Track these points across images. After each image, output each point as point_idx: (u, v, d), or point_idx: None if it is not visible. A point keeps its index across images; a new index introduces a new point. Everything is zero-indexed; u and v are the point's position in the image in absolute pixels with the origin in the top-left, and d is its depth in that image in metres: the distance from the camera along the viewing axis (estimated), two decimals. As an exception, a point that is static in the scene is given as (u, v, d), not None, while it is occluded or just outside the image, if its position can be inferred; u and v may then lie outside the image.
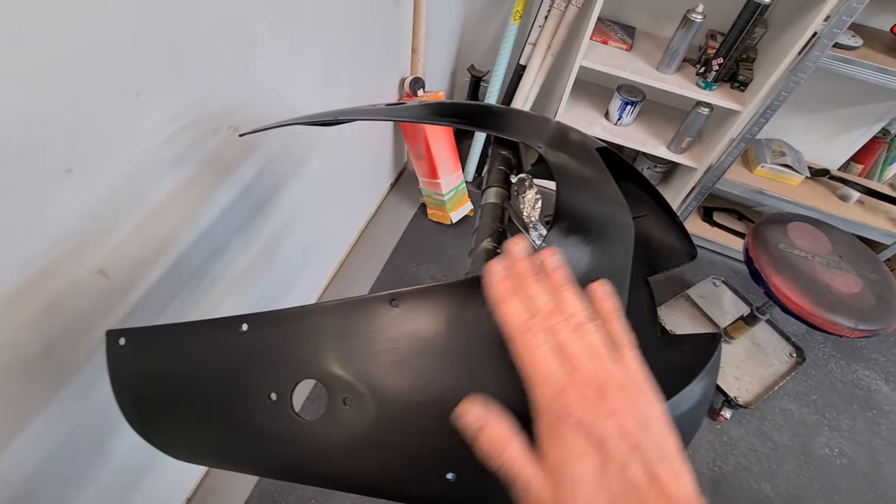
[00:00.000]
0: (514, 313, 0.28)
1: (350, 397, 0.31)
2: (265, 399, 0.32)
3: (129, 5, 0.51)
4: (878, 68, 1.21)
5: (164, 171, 0.65)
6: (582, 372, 0.26)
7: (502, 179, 0.42)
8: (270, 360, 0.32)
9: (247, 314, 0.33)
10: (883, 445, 1.36)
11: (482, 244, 0.37)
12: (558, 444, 0.25)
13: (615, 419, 0.25)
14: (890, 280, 1.11)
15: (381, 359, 0.31)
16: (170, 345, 0.35)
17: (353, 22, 1.05)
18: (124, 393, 0.35)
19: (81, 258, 0.57)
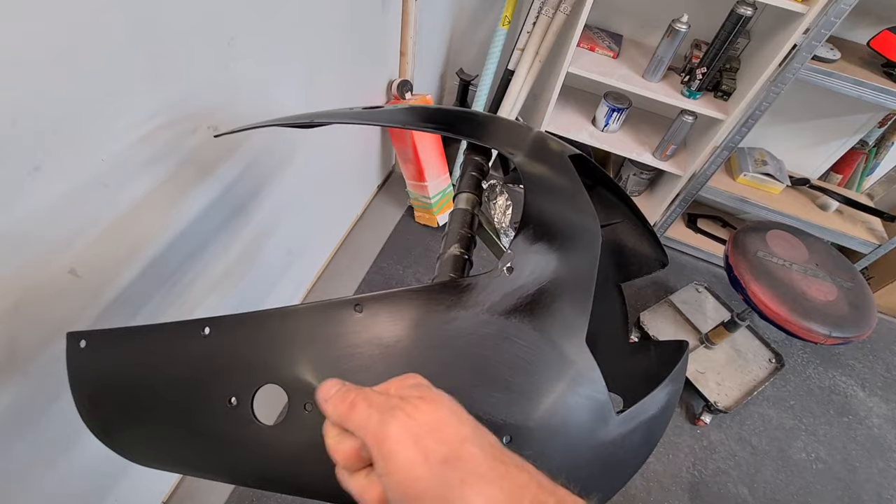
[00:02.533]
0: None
1: (311, 403, 0.30)
2: (225, 404, 0.31)
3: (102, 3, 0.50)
4: (855, 81, 1.24)
5: (140, 170, 0.64)
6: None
7: (474, 185, 0.42)
8: (231, 365, 0.32)
9: (209, 317, 0.33)
10: (858, 450, 1.39)
11: (450, 250, 0.37)
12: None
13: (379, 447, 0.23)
14: (864, 288, 1.13)
15: (341, 364, 0.31)
16: (131, 348, 0.35)
17: (339, 24, 1.05)
18: (84, 398, 0.35)
19: (50, 257, 0.56)
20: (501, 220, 0.41)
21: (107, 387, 0.35)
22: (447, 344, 0.32)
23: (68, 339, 0.36)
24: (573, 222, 0.39)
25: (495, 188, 0.41)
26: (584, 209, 0.41)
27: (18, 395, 0.59)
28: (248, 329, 0.32)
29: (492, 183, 0.42)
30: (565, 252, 0.37)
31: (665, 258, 0.53)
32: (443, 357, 0.32)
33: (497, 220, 0.41)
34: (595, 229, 0.40)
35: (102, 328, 0.35)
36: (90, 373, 0.35)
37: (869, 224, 1.60)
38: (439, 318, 0.32)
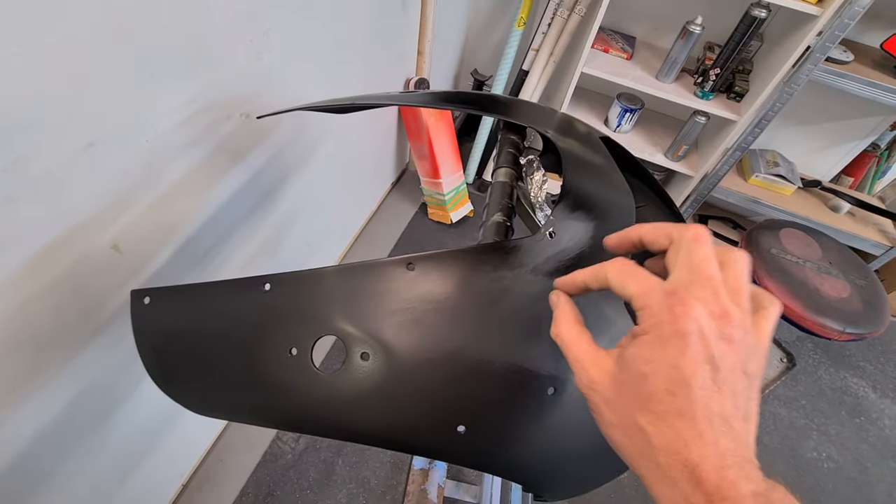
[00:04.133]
0: (600, 263, 0.28)
1: (367, 352, 0.32)
2: (286, 353, 0.33)
3: (155, -11, 0.53)
4: (868, 82, 1.26)
5: (179, 153, 0.67)
6: (712, 287, 0.23)
7: (511, 161, 0.44)
8: (291, 318, 0.34)
9: (268, 274, 0.35)
10: (870, 451, 1.39)
11: (493, 217, 0.39)
12: (653, 341, 0.23)
13: (727, 345, 0.23)
14: (877, 286, 1.14)
15: (396, 317, 0.33)
16: (193, 302, 0.37)
17: (363, 22, 1.08)
18: (148, 348, 0.37)
19: (96, 232, 0.58)
20: (538, 194, 0.43)
21: (170, 338, 0.37)
22: (495, 301, 0.34)
23: (133, 297, 0.38)
24: (609, 195, 0.41)
25: (532, 163, 0.43)
26: (618, 185, 0.43)
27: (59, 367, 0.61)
28: (306, 284, 0.34)
29: (529, 158, 0.44)
30: (602, 221, 0.39)
31: (690, 239, 0.54)
32: (490, 313, 0.33)
33: (533, 195, 0.43)
34: (630, 204, 0.42)
35: (164, 286, 0.37)
36: (154, 325, 0.37)
37: (881, 226, 1.61)
38: (487, 277, 0.34)
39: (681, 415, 0.22)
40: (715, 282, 0.24)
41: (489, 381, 0.32)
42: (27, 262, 0.51)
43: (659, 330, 0.23)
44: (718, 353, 0.22)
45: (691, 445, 0.21)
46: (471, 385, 0.32)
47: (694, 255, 0.24)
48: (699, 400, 0.22)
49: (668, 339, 0.22)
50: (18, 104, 0.44)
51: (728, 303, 0.23)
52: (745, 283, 0.25)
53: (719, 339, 0.23)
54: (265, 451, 1.15)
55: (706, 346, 0.22)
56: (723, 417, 0.22)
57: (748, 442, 0.22)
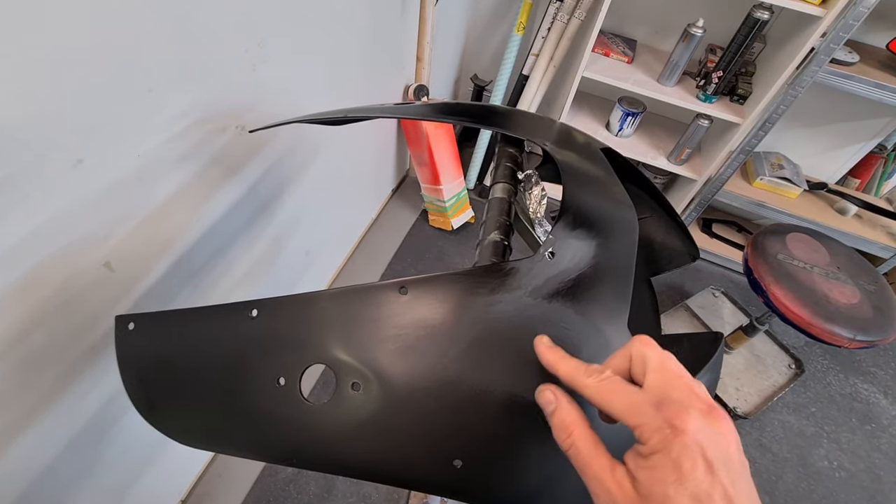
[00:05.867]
0: (575, 365, 0.28)
1: (358, 382, 0.31)
2: (274, 383, 0.32)
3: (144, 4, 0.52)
4: (875, 84, 1.23)
5: (172, 167, 0.66)
6: (686, 386, 0.25)
7: (509, 175, 0.43)
8: (279, 345, 0.33)
9: (256, 300, 0.33)
10: (882, 459, 1.36)
11: (490, 236, 0.38)
12: (665, 460, 0.23)
13: (728, 444, 0.23)
14: (888, 292, 1.12)
15: (388, 344, 0.31)
16: (179, 329, 0.35)
17: (360, 29, 1.07)
18: (132, 377, 0.35)
19: (87, 250, 0.57)
20: (537, 210, 0.41)
21: (155, 366, 0.35)
22: (492, 326, 0.32)
23: (117, 322, 0.37)
24: (610, 210, 0.39)
25: (531, 178, 0.42)
26: (619, 198, 0.41)
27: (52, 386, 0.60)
28: (295, 310, 0.33)
29: (528, 173, 0.42)
30: (604, 239, 0.37)
31: (696, 251, 0.53)
32: (488, 338, 0.32)
33: (532, 210, 0.41)
34: (632, 218, 0.40)
35: (149, 311, 0.36)
36: (139, 353, 0.36)
37: (889, 229, 1.58)
38: (483, 301, 0.33)
39: None
40: (684, 378, 0.25)
41: (486, 412, 0.31)
42: (15, 282, 0.50)
43: (667, 449, 0.23)
44: (722, 454, 0.23)
45: None
46: (467, 416, 0.31)
47: (653, 359, 0.26)
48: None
49: (679, 457, 0.23)
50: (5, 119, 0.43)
51: (706, 394, 0.25)
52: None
53: (719, 438, 0.23)
54: (264, 466, 1.13)
55: (710, 452, 0.23)
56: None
57: None
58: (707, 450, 0.22)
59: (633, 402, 0.25)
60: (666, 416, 0.23)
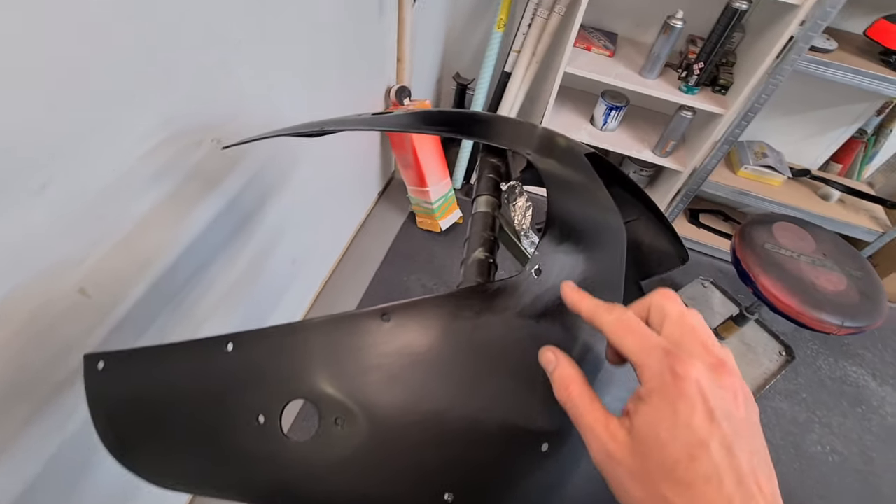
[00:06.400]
0: (597, 303, 0.28)
1: (341, 417, 0.29)
2: (253, 421, 0.30)
3: (106, 19, 0.50)
4: (853, 70, 1.24)
5: (146, 186, 0.63)
6: (700, 340, 0.24)
7: (492, 188, 0.42)
8: (257, 381, 0.31)
9: (232, 333, 0.32)
10: (873, 441, 1.38)
11: (474, 254, 0.37)
12: (661, 403, 0.23)
13: (733, 397, 0.23)
14: (873, 277, 1.13)
15: (372, 375, 0.30)
16: (151, 367, 0.34)
17: (338, 33, 1.05)
18: (103, 418, 0.33)
19: (59, 277, 0.55)
20: (522, 221, 0.40)
21: (126, 407, 0.34)
22: (480, 350, 0.31)
23: (85, 362, 0.35)
24: (597, 220, 0.38)
25: (515, 189, 0.40)
26: (606, 206, 0.40)
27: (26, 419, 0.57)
28: (273, 343, 0.31)
29: (511, 184, 0.41)
30: (592, 251, 0.36)
31: (685, 254, 0.52)
32: (477, 364, 0.31)
33: (517, 222, 0.40)
34: (619, 226, 0.39)
35: (119, 349, 0.34)
36: (109, 393, 0.34)
37: (872, 212, 1.60)
38: (470, 325, 0.31)
39: (707, 479, 0.21)
40: (701, 333, 0.25)
41: (477, 442, 0.30)
42: (-19, 318, 0.48)
43: (664, 391, 0.23)
44: (725, 406, 0.23)
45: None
46: (457, 447, 0.29)
47: (672, 311, 0.26)
48: (721, 460, 0.21)
49: (675, 401, 0.22)
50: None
51: (720, 352, 0.24)
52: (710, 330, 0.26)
53: (722, 391, 0.23)
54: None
55: (713, 402, 0.22)
56: (748, 474, 0.21)
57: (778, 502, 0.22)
58: (709, 399, 0.22)
59: (645, 343, 0.25)
60: (670, 361, 0.23)
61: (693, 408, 0.22)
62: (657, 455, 0.22)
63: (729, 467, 0.21)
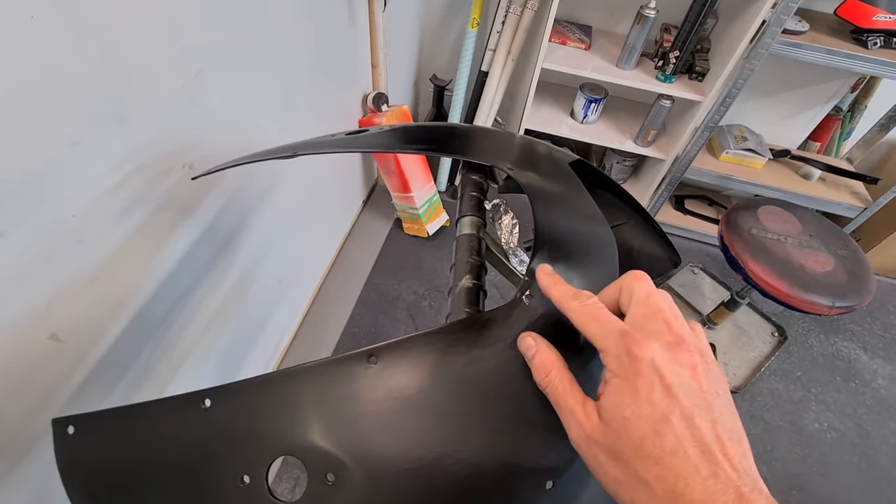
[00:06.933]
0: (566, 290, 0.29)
1: (332, 472, 0.28)
2: (237, 482, 0.28)
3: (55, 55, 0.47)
4: (826, 50, 1.25)
5: (115, 221, 0.60)
6: (663, 319, 0.25)
7: (475, 207, 0.40)
8: (238, 439, 0.29)
9: (209, 388, 0.30)
10: (868, 414, 1.40)
11: (461, 282, 0.35)
12: (622, 384, 0.24)
13: (691, 372, 0.24)
14: (859, 255, 1.14)
15: (361, 424, 0.28)
16: (125, 429, 0.31)
17: (307, 44, 1.02)
18: (76, 486, 0.31)
19: (27, 325, 0.52)
20: (509, 240, 0.38)
21: (101, 474, 0.31)
22: (474, 388, 0.29)
23: (54, 426, 0.32)
24: (586, 235, 0.37)
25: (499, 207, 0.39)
26: (593, 216, 0.39)
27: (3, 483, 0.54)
28: (253, 397, 0.29)
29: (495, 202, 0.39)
30: (584, 268, 0.34)
31: (677, 257, 0.51)
32: (472, 402, 0.29)
33: (504, 241, 0.39)
34: (609, 238, 0.38)
35: (90, 411, 0.32)
36: (82, 460, 0.32)
37: (852, 189, 1.62)
38: (462, 361, 0.30)
39: (673, 452, 0.22)
40: (665, 313, 0.26)
41: (478, 486, 0.28)
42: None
43: (624, 373, 0.24)
44: (682, 381, 0.23)
45: (691, 482, 0.21)
46: (458, 495, 0.28)
47: (639, 291, 0.27)
48: (683, 432, 0.22)
49: (633, 379, 0.24)
50: None
51: (681, 330, 0.25)
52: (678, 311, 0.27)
53: (679, 367, 0.24)
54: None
55: (669, 378, 0.23)
56: (712, 442, 0.22)
57: (746, 467, 0.22)
58: (665, 376, 0.23)
59: (606, 328, 0.26)
60: (626, 343, 0.24)
61: (651, 385, 0.23)
62: (625, 434, 0.23)
63: (691, 438, 0.22)
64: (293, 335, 1.38)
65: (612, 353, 0.25)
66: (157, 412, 0.31)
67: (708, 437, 0.22)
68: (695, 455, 0.22)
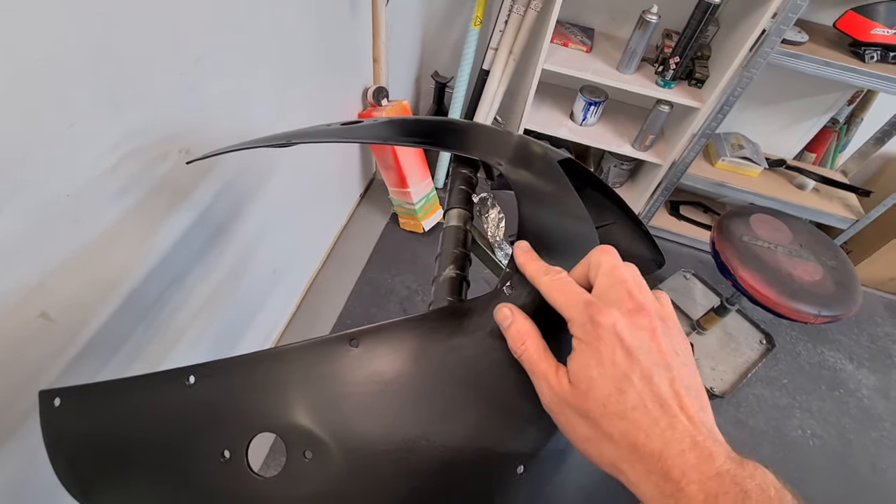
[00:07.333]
0: (539, 266, 0.31)
1: (310, 450, 0.28)
2: (218, 457, 0.29)
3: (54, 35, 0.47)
4: (824, 62, 1.26)
5: (110, 203, 0.61)
6: (626, 288, 0.27)
7: (464, 200, 0.41)
8: (221, 415, 0.30)
9: (194, 365, 0.30)
10: (851, 423, 1.42)
11: (445, 272, 0.36)
12: (587, 349, 0.26)
13: (650, 335, 0.26)
14: (848, 266, 1.16)
15: (341, 405, 0.29)
16: (110, 403, 0.32)
17: (309, 35, 1.03)
18: (61, 459, 0.32)
19: (19, 303, 0.53)
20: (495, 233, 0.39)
21: (86, 447, 0.32)
22: (452, 374, 0.30)
23: (41, 398, 0.33)
24: (570, 232, 0.38)
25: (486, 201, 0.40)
26: (579, 216, 0.40)
27: (-6, 450, 0.55)
28: (236, 374, 0.30)
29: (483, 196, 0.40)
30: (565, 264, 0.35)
31: (661, 258, 0.52)
32: (449, 389, 0.30)
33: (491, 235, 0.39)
34: (592, 236, 0.39)
35: (77, 384, 0.33)
36: (67, 432, 0.32)
37: (845, 200, 1.64)
38: (441, 348, 0.30)
39: (634, 408, 0.24)
40: (628, 283, 0.27)
41: (452, 470, 0.29)
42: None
43: (588, 339, 0.26)
44: (641, 343, 0.25)
45: (650, 434, 0.23)
46: (432, 477, 0.29)
47: (605, 264, 0.28)
48: (643, 388, 0.24)
49: (596, 344, 0.25)
50: None
51: (642, 297, 0.27)
52: (643, 281, 0.29)
53: (639, 331, 0.26)
54: None
55: (629, 341, 0.25)
56: (670, 398, 0.24)
57: (703, 419, 0.24)
58: (625, 339, 0.25)
59: (572, 299, 0.28)
60: (590, 311, 0.26)
61: (613, 349, 0.25)
62: (592, 393, 0.25)
63: (651, 394, 0.24)
64: (285, 325, 1.39)
65: (577, 321, 0.27)
66: (142, 387, 0.32)
67: (666, 394, 0.24)
68: (654, 409, 0.24)
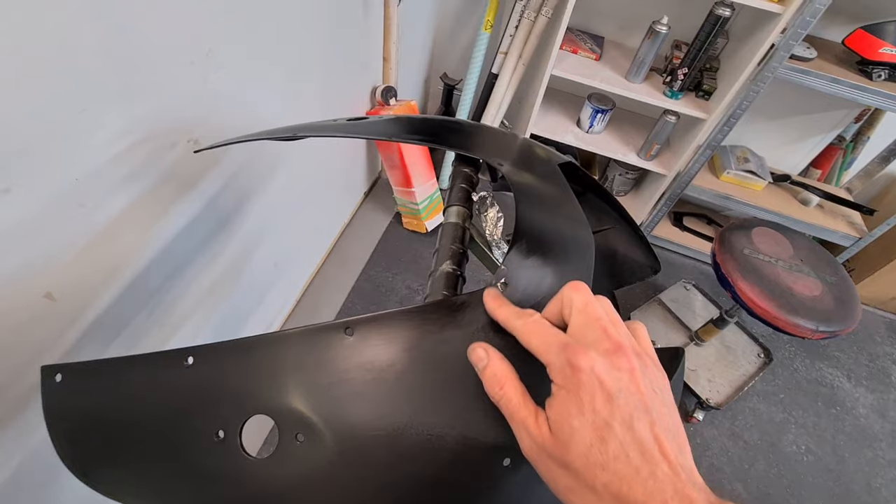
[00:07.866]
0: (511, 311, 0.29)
1: (302, 433, 0.29)
2: (212, 437, 0.30)
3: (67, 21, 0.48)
4: (832, 79, 1.26)
5: (117, 188, 0.62)
6: (601, 327, 0.26)
7: (464, 198, 0.41)
8: (217, 395, 0.31)
9: (192, 346, 0.31)
10: (847, 441, 1.41)
11: (441, 267, 0.36)
12: (567, 395, 0.24)
13: (629, 376, 0.25)
14: (848, 282, 1.15)
15: (334, 391, 0.30)
16: (110, 381, 0.33)
17: (321, 31, 1.04)
18: (60, 434, 0.33)
19: (24, 282, 0.54)
20: (493, 232, 0.40)
21: (84, 423, 0.33)
22: (443, 366, 0.31)
23: (43, 373, 0.34)
24: (566, 234, 0.38)
25: (486, 200, 0.40)
26: (575, 218, 0.40)
27: (-7, 426, 0.56)
28: (233, 357, 0.31)
29: (482, 195, 0.41)
30: (559, 265, 0.36)
31: (657, 264, 0.52)
32: (439, 380, 0.31)
33: (489, 233, 0.40)
34: (588, 239, 0.39)
35: (79, 361, 0.34)
36: (66, 408, 0.33)
37: (849, 218, 1.64)
38: (434, 339, 0.31)
39: (616, 457, 0.23)
40: (603, 320, 0.26)
41: (440, 458, 0.30)
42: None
43: (567, 384, 0.25)
44: (621, 386, 0.24)
45: (633, 484, 0.22)
46: (420, 464, 0.29)
47: (577, 301, 0.27)
48: (624, 436, 0.23)
49: (577, 391, 0.24)
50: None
51: (618, 335, 0.26)
52: (618, 315, 0.28)
53: (618, 373, 0.25)
54: None
55: (609, 385, 0.24)
56: (651, 444, 0.23)
57: (682, 462, 0.23)
58: (605, 383, 0.24)
59: (548, 342, 0.26)
60: (567, 355, 0.25)
61: (593, 394, 0.24)
62: (573, 444, 0.24)
63: (632, 441, 0.23)
64: (285, 318, 1.40)
65: (555, 366, 0.25)
66: (142, 366, 0.32)
67: (647, 440, 0.23)
68: (636, 458, 0.23)
